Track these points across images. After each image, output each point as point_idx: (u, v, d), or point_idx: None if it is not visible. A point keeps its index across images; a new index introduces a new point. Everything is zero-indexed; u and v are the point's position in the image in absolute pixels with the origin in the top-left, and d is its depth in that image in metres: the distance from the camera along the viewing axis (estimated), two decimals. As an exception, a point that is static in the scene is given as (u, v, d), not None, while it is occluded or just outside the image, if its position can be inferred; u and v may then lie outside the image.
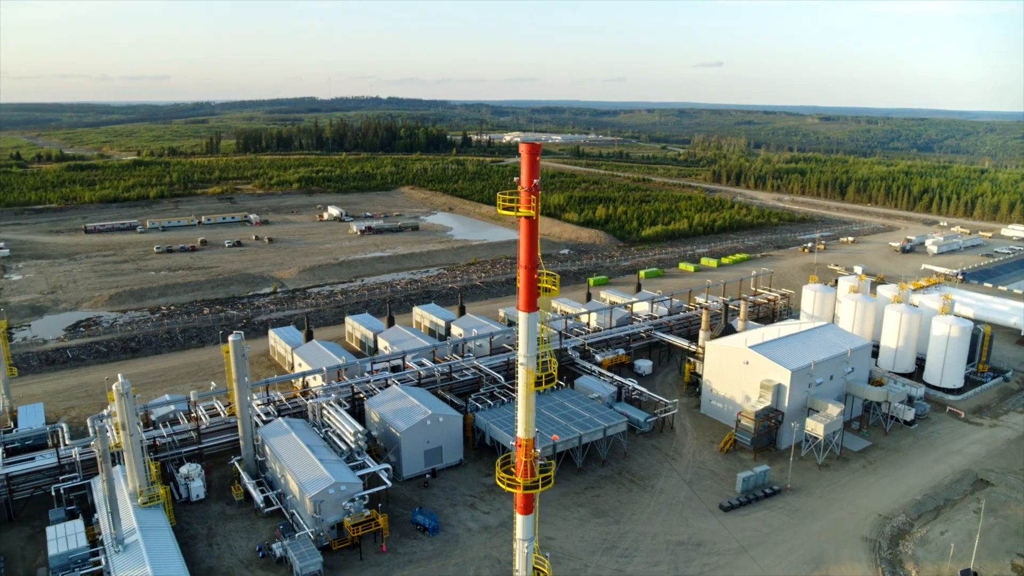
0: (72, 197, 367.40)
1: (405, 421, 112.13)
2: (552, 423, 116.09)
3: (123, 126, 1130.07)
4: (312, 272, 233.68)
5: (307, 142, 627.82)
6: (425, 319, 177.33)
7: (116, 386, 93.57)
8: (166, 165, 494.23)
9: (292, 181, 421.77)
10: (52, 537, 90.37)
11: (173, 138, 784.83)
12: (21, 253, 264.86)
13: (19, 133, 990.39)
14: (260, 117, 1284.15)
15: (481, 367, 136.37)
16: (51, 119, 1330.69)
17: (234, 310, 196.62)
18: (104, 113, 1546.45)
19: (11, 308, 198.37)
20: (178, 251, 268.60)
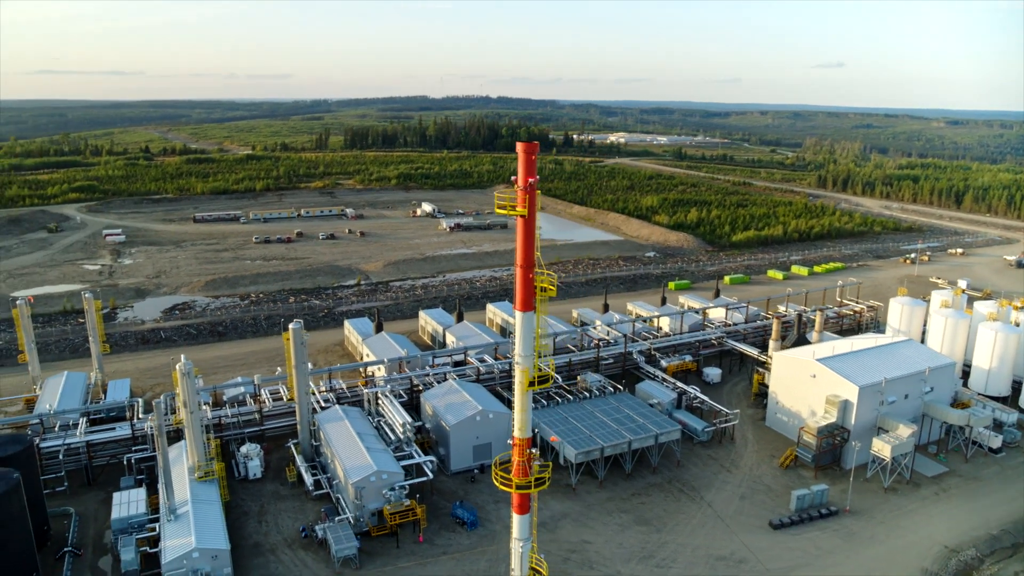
0: (186, 188, 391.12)
1: (455, 415, 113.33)
2: (603, 426, 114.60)
3: (245, 122, 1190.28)
4: (396, 266, 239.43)
5: (411, 140, 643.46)
6: (497, 316, 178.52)
7: (179, 366, 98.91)
8: (276, 160, 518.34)
9: (391, 177, 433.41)
10: (117, 502, 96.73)
11: (289, 134, 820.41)
12: (135, 239, 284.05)
13: (153, 128, 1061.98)
14: (372, 115, 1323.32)
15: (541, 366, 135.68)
16: (182, 115, 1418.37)
17: (318, 300, 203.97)
18: (230, 109, 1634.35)
19: (119, 290, 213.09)
20: (275, 242, 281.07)
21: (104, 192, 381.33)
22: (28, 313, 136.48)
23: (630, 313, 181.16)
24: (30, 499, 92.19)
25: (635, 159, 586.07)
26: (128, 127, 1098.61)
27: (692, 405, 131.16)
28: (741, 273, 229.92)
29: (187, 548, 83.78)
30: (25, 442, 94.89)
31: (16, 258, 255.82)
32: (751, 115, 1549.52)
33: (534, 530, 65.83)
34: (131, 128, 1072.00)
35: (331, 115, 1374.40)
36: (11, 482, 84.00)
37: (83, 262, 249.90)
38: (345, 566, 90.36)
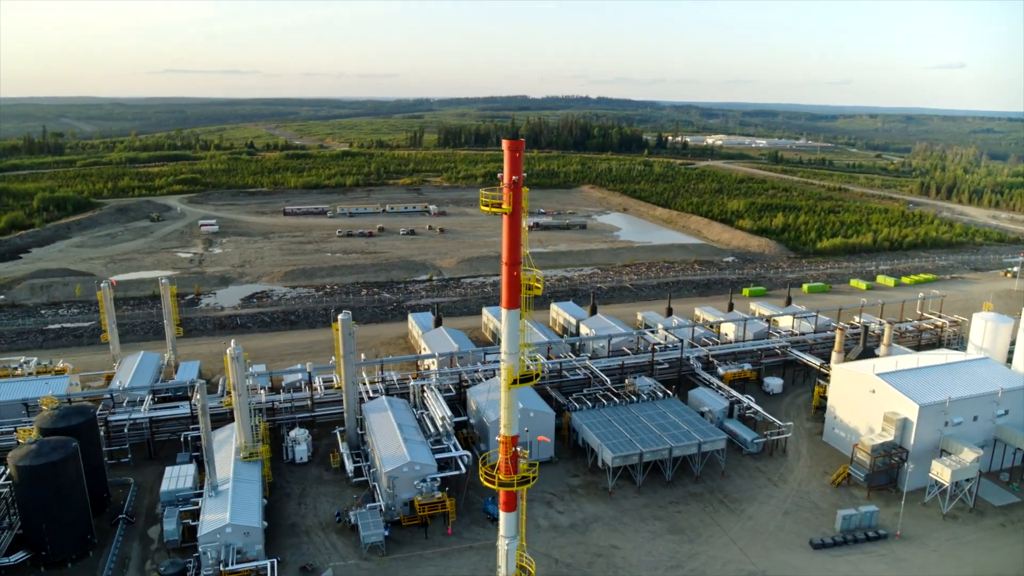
0: (281, 182, 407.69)
1: (496, 412, 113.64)
2: (645, 432, 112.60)
3: (348, 120, 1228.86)
4: (470, 263, 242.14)
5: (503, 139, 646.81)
6: (560, 316, 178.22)
7: (229, 351, 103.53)
8: (370, 156, 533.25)
9: (478, 176, 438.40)
10: (167, 476, 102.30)
11: (389, 132, 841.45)
12: (227, 230, 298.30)
13: (262, 124, 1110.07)
14: (471, 114, 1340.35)
15: (592, 367, 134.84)
16: (291, 112, 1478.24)
17: (389, 293, 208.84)
18: (336, 107, 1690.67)
19: (205, 278, 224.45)
20: (357, 236, 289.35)
21: (205, 184, 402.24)
22: (111, 296, 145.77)
23: (696, 318, 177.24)
24: (91, 468, 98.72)
25: (728, 162, 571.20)
26: (240, 123, 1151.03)
27: (745, 415, 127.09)
28: (822, 282, 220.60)
29: (221, 523, 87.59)
30: (88, 414, 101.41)
31: (119, 244, 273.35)
32: (860, 119, 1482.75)
33: (522, 528, 65.45)
34: (242, 124, 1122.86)
35: (432, 114, 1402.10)
36: (69, 450, 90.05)
37: (177, 250, 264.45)
38: (372, 552, 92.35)
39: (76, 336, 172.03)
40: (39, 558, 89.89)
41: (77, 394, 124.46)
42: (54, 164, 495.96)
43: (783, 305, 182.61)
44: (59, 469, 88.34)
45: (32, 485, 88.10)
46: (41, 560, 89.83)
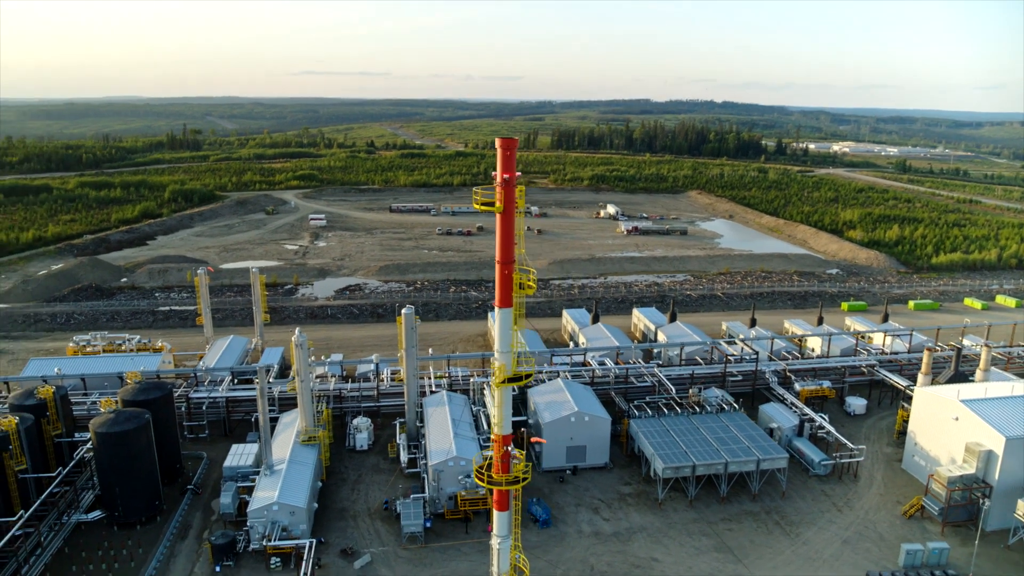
0: (391, 180, 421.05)
1: (551, 414, 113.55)
2: (702, 444, 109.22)
3: (470, 121, 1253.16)
4: (561, 265, 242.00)
5: (617, 142, 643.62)
6: (641, 322, 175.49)
7: (293, 338, 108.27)
8: (481, 157, 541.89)
9: (584, 178, 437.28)
10: (232, 452, 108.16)
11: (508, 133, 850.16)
12: (334, 225, 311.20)
13: (387, 124, 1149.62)
14: (592, 117, 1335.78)
15: (660, 375, 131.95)
16: (417, 113, 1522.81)
17: (475, 291, 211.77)
18: (460, 109, 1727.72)
19: (306, 269, 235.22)
20: (455, 234, 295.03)
21: (321, 181, 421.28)
22: (207, 282, 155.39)
23: (785, 331, 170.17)
24: (165, 440, 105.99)
25: (851, 170, 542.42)
26: (367, 123, 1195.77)
27: (816, 434, 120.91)
28: (932, 299, 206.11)
29: (269, 501, 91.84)
30: (165, 390, 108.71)
31: (234, 235, 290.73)
32: (1010, 126, 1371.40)
33: (516, 528, 65.00)
34: (369, 124, 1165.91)
35: (552, 116, 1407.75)
36: (141, 420, 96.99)
37: (285, 242, 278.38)
38: (411, 541, 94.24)
39: (182, 318, 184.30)
40: (112, 518, 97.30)
41: (166, 371, 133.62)
42: (190, 159, 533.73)
43: (879, 321, 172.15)
44: (131, 437, 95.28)
45: (107, 450, 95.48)
46: (114, 520, 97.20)
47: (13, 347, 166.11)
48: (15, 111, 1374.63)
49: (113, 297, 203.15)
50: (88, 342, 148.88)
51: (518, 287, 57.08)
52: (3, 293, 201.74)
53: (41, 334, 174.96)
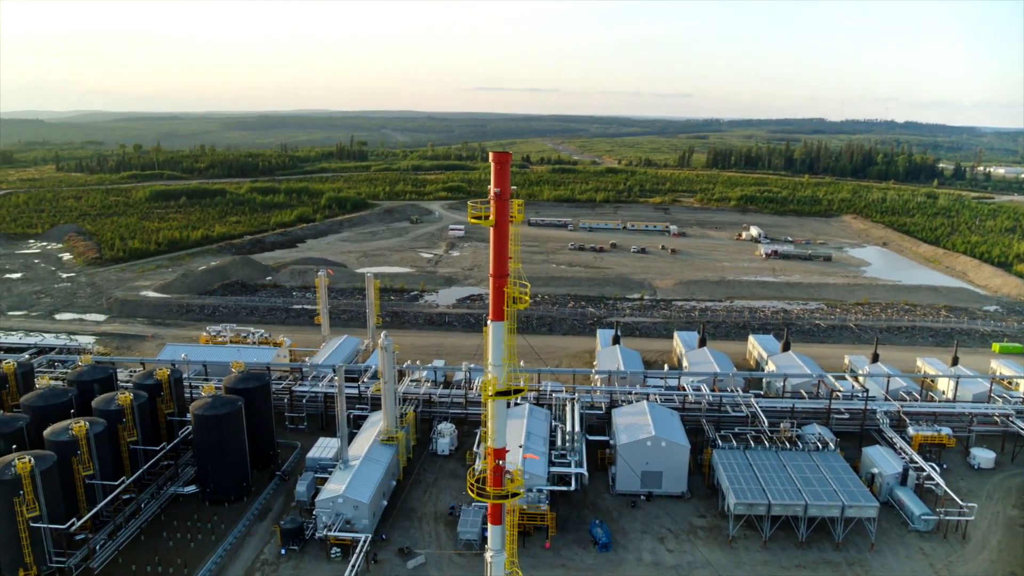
0: (535, 195, 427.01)
1: (628, 436, 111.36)
2: (784, 482, 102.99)
3: (632, 138, 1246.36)
4: (687, 285, 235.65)
5: (776, 162, 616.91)
6: (755, 349, 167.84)
7: (380, 341, 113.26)
8: (631, 174, 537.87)
9: (732, 198, 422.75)
10: (317, 445, 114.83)
11: (669, 151, 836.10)
12: (472, 235, 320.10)
13: (550, 140, 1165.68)
14: (759, 136, 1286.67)
15: (755, 406, 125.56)
16: (581, 129, 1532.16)
17: (594, 308, 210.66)
18: (624, 126, 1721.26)
19: (435, 277, 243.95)
20: (587, 250, 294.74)
21: (467, 193, 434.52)
22: (326, 283, 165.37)
23: (917, 369, 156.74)
24: (260, 427, 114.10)
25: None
26: (530, 138, 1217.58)
27: (924, 485, 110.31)
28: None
29: (336, 493, 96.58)
30: (263, 381, 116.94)
31: (377, 241, 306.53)
32: None
33: (512, 544, 64.13)
34: (532, 139, 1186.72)
35: (718, 135, 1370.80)
36: (234, 407, 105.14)
37: (422, 250, 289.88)
38: (466, 548, 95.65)
39: (310, 317, 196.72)
40: (204, 494, 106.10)
41: (276, 364, 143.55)
42: (354, 168, 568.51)
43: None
44: (224, 421, 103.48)
45: (203, 432, 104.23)
46: (206, 496, 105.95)
47: (164, 332, 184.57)
48: (217, 122, 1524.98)
49: (256, 294, 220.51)
50: (219, 333, 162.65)
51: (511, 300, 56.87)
52: (166, 284, 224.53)
53: (189, 323, 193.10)
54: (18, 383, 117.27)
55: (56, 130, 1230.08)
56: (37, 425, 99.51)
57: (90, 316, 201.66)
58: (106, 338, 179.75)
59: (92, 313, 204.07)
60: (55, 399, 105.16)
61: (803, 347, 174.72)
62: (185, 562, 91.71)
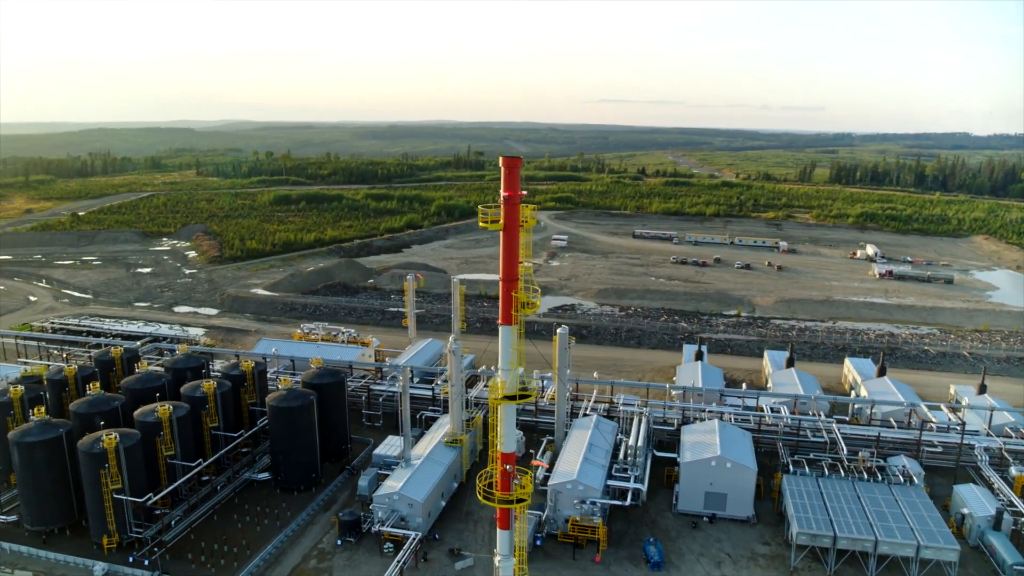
0: (644, 207, 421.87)
1: (693, 454, 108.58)
2: (856, 515, 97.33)
3: (755, 152, 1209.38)
4: (788, 304, 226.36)
5: (905, 179, 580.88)
6: (851, 373, 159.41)
7: (448, 345, 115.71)
8: (747, 188, 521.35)
9: (851, 215, 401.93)
10: (385, 442, 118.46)
11: (793, 165, 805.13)
12: (575, 246, 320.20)
13: (670, 152, 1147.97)
14: (893, 151, 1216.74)
15: (836, 432, 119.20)
16: (704, 142, 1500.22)
17: (686, 323, 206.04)
18: (749, 139, 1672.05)
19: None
20: (689, 264, 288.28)
21: (576, 204, 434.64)
22: (414, 287, 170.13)
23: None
24: (333, 422, 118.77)
25: None
26: (651, 151, 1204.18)
27: (1022, 532, 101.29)
28: None
29: (392, 490, 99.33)
30: (337, 378, 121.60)
31: (480, 248, 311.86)
32: None
33: (519, 551, 63.55)
34: (652, 152, 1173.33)
35: (848, 149, 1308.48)
36: (306, 400, 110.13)
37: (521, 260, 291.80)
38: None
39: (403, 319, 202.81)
40: (276, 481, 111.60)
41: (359, 363, 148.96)
42: (468, 178, 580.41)
43: None
44: (296, 414, 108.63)
45: (276, 422, 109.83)
46: (277, 483, 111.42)
47: (266, 328, 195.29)
48: (349, 132, 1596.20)
49: (356, 295, 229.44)
50: (312, 330, 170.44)
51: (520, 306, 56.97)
52: (274, 283, 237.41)
53: (291, 320, 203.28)
54: (123, 367, 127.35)
55: (204, 138, 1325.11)
56: (132, 406, 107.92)
57: (204, 310, 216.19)
58: (214, 331, 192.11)
59: (206, 307, 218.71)
60: (150, 383, 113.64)
61: (906, 373, 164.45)
62: (249, 544, 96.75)
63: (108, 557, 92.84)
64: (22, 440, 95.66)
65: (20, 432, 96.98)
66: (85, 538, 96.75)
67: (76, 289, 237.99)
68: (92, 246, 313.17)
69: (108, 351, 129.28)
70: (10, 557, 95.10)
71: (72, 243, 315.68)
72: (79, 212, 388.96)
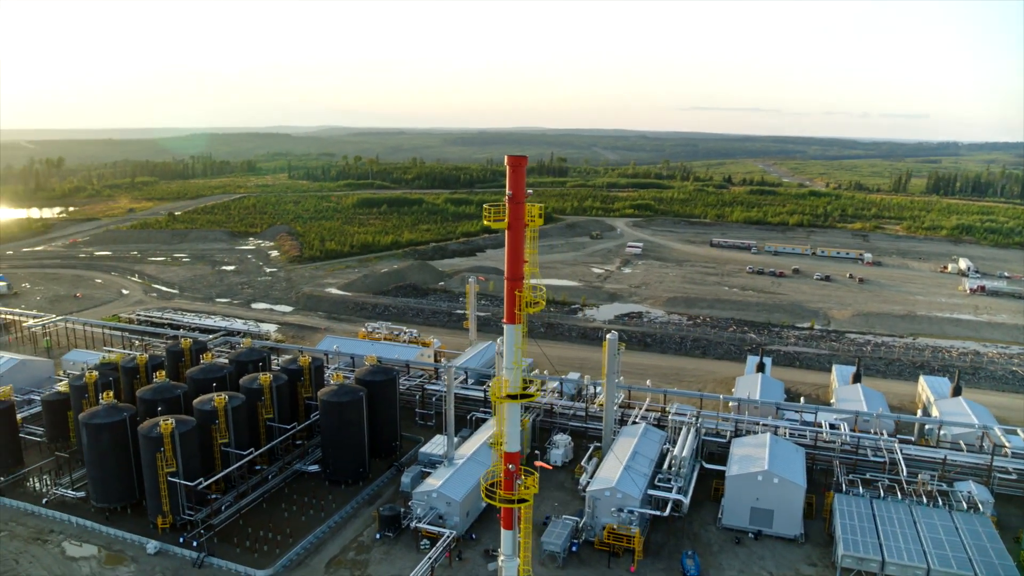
0: (724, 216, 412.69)
1: (739, 467, 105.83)
2: (909, 540, 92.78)
3: (850, 161, 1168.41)
4: (865, 318, 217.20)
5: (1013, 189, 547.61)
6: (924, 392, 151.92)
7: (497, 344, 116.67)
8: (835, 198, 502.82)
9: (945, 227, 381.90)
10: (431, 441, 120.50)
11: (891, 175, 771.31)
12: (649, 254, 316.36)
13: (762, 161, 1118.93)
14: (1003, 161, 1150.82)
15: (896, 452, 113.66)
16: (798, 151, 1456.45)
17: (754, 334, 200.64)
18: (846, 147, 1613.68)
19: (600, 292, 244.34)
20: (766, 274, 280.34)
21: (655, 211, 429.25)
22: (476, 290, 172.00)
23: None
24: (384, 419, 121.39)
25: None
26: (742, 159, 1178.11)
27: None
28: None
29: (432, 488, 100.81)
30: (389, 375, 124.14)
31: (552, 254, 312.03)
32: None
33: (524, 551, 63.01)
34: (743, 160, 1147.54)
35: (952, 159, 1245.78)
36: (355, 396, 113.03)
37: (595, 266, 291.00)
38: (549, 560, 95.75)
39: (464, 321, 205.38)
40: (326, 474, 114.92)
41: (416, 362, 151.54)
42: (549, 184, 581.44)
43: None
44: (345, 409, 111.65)
45: (325, 416, 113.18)
46: (327, 476, 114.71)
47: (335, 326, 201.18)
48: (439, 138, 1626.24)
49: (426, 296, 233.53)
50: (375, 329, 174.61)
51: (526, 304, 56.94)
52: (348, 283, 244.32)
53: (360, 319, 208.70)
54: (191, 358, 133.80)
55: (300, 143, 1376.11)
56: (194, 395, 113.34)
57: (279, 307, 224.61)
58: (286, 327, 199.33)
59: (282, 304, 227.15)
60: (212, 373, 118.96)
61: (989, 395, 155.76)
62: (292, 532, 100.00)
63: (161, 536, 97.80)
64: (90, 421, 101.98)
65: (89, 414, 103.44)
66: (143, 517, 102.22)
67: (164, 284, 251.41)
68: (183, 244, 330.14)
69: (179, 343, 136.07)
70: (76, 530, 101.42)
71: (166, 241, 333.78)
72: (175, 212, 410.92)
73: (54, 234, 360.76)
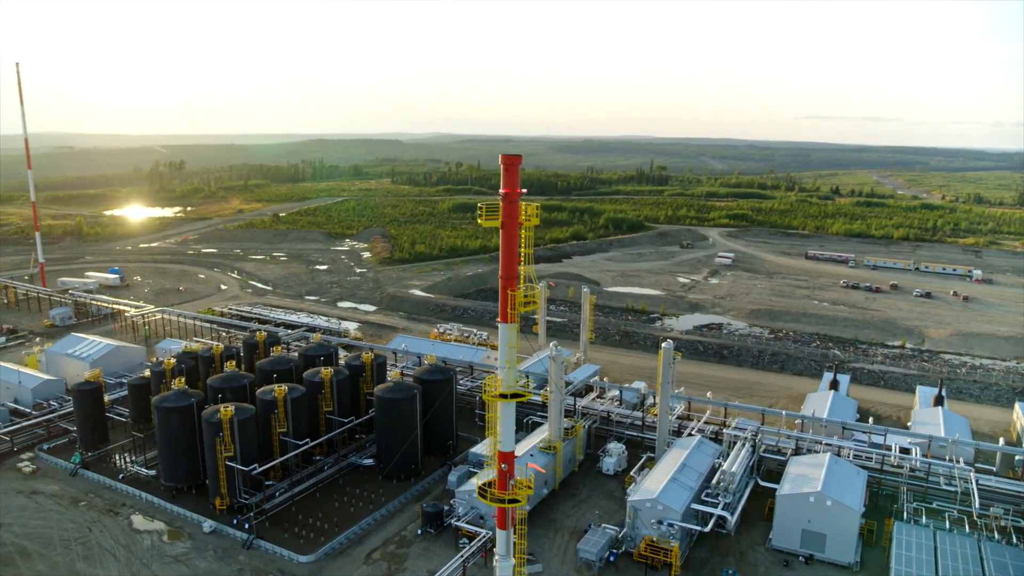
0: (823, 228, 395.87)
1: (791, 487, 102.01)
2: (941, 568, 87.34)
3: (975, 173, 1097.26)
4: (964, 338, 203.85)
5: None
6: (1020, 420, 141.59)
7: (549, 351, 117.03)
8: (949, 211, 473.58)
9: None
10: (483, 442, 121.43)
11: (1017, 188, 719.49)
12: (739, 264, 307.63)
13: (877, 172, 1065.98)
14: None
15: (971, 482, 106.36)
16: (918, 162, 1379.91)
17: (838, 350, 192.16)
18: (973, 159, 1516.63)
19: (682, 302, 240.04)
20: (861, 289, 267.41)
21: (751, 221, 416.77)
22: (546, 296, 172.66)
23: None
24: (440, 417, 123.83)
25: None
26: (855, 170, 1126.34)
27: None
28: None
29: (474, 488, 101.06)
30: (447, 375, 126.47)
31: (640, 263, 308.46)
32: None
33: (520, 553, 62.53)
34: (857, 171, 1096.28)
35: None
36: (410, 393, 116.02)
37: (681, 275, 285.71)
38: (585, 567, 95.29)
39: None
40: (379, 468, 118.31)
41: (480, 364, 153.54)
42: (648, 192, 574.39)
43: None
44: (399, 405, 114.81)
45: (380, 411, 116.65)
46: (380, 470, 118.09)
47: (412, 326, 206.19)
48: (545, 145, 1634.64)
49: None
50: (447, 330, 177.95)
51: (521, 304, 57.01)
52: (431, 285, 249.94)
53: (438, 320, 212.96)
54: (265, 350, 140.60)
55: (409, 149, 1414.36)
56: (260, 385, 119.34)
57: (364, 306, 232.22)
58: (366, 326, 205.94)
59: (366, 304, 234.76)
60: (279, 366, 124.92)
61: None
62: (339, 522, 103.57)
63: (217, 517, 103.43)
64: (161, 405, 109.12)
65: (160, 398, 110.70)
66: (205, 497, 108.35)
67: (260, 281, 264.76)
68: (283, 243, 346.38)
69: (254, 335, 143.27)
70: (145, 505, 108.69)
71: (267, 240, 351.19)
72: (280, 213, 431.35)
73: (168, 232, 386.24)
